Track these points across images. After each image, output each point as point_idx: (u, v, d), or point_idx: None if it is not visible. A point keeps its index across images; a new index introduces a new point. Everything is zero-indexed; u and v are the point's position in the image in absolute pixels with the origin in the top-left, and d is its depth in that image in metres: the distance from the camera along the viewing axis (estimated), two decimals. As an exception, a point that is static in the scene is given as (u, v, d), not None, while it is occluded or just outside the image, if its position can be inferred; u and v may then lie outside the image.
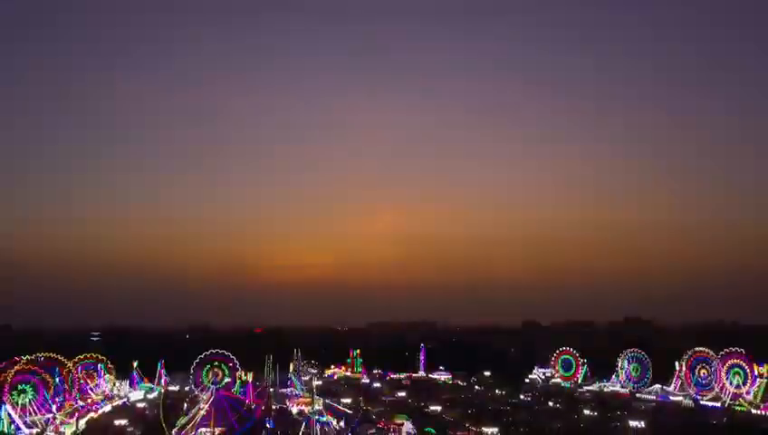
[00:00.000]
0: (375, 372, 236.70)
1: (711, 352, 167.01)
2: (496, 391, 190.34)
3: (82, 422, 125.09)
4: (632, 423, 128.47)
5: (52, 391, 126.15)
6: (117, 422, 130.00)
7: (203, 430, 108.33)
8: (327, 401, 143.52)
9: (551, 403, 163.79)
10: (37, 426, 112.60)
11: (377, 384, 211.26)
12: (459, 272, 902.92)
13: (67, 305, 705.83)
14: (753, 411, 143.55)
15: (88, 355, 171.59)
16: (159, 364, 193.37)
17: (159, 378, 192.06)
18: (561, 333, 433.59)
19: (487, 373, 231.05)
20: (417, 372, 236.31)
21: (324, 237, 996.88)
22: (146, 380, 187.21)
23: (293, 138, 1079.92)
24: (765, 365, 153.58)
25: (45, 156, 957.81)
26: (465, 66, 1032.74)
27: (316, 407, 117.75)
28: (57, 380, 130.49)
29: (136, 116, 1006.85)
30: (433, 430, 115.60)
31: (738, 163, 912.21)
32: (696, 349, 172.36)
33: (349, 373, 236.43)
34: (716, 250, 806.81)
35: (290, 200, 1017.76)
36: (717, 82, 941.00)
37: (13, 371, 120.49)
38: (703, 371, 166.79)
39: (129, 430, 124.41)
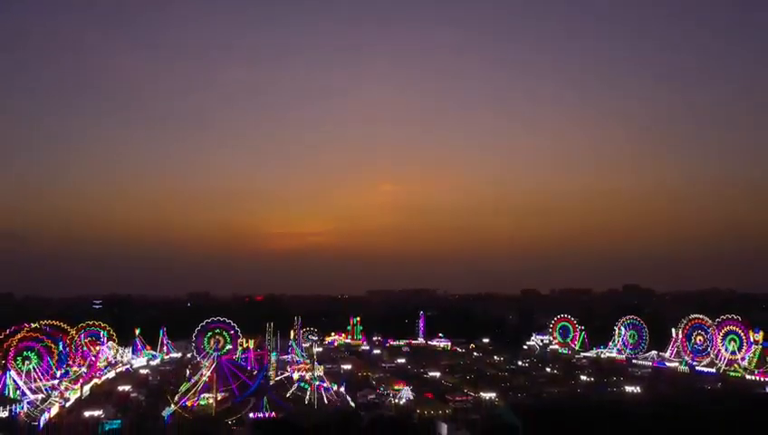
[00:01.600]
0: (375, 339, 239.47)
1: (707, 319, 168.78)
2: (495, 357, 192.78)
3: (87, 388, 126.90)
4: (628, 388, 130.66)
5: (55, 358, 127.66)
6: (121, 388, 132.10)
7: (205, 395, 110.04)
8: (327, 367, 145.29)
9: (548, 369, 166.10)
10: (42, 392, 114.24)
11: (377, 351, 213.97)
12: (459, 241, 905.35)
13: (68, 275, 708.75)
14: (748, 377, 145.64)
15: (90, 323, 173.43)
16: (161, 332, 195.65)
17: (162, 345, 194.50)
18: (559, 300, 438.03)
19: (486, 340, 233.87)
20: (416, 339, 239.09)
21: (324, 206, 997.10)
22: (148, 347, 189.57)
23: (293, 106, 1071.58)
24: (761, 332, 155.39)
25: (45, 126, 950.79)
26: (464, 39, 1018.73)
27: (317, 373, 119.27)
28: (60, 347, 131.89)
29: (134, 86, 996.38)
30: (432, 395, 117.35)
31: (737, 127, 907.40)
32: (693, 316, 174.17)
33: (349, 340, 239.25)
34: (714, 218, 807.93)
35: (290, 168, 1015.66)
36: (715, 45, 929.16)
37: (16, 338, 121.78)
38: (699, 337, 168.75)
39: (133, 395, 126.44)
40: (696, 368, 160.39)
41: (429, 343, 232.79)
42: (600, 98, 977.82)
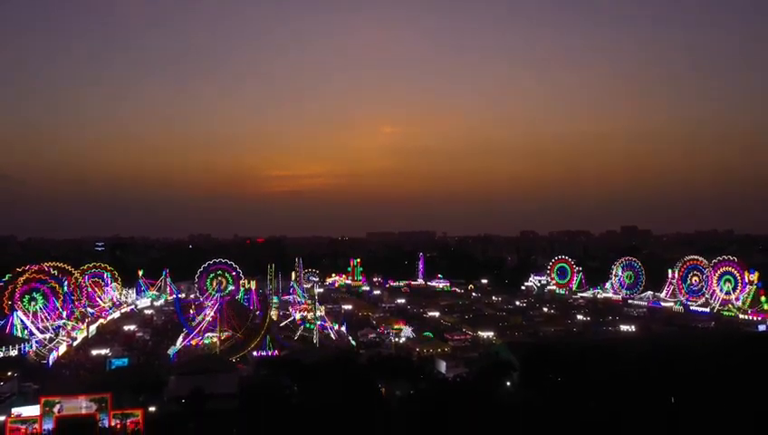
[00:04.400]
0: (375, 280, 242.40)
1: (704, 260, 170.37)
2: (493, 297, 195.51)
3: (93, 328, 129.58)
4: (623, 328, 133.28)
5: (61, 299, 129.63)
6: (126, 328, 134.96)
7: (209, 334, 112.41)
8: (328, 307, 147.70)
9: (545, 309, 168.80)
10: (50, 331, 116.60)
11: (377, 292, 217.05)
12: (458, 183, 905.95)
13: (70, 217, 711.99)
14: (741, 316, 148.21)
15: (94, 265, 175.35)
16: (164, 273, 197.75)
17: (165, 286, 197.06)
18: (557, 242, 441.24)
19: (485, 281, 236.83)
20: (416, 280, 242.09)
21: (325, 148, 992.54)
22: (151, 288, 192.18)
23: (293, 50, 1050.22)
24: (756, 273, 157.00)
25: (47, 69, 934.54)
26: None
27: (318, 313, 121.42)
28: (65, 288, 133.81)
29: (135, 30, 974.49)
30: (431, 334, 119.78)
31: (736, 68, 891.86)
32: (689, 257, 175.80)
33: (349, 281, 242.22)
34: (713, 159, 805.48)
35: (290, 111, 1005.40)
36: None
37: (21, 279, 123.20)
38: (695, 278, 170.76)
39: (138, 335, 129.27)
40: (691, 308, 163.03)
41: (429, 283, 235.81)
42: (598, 42, 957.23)
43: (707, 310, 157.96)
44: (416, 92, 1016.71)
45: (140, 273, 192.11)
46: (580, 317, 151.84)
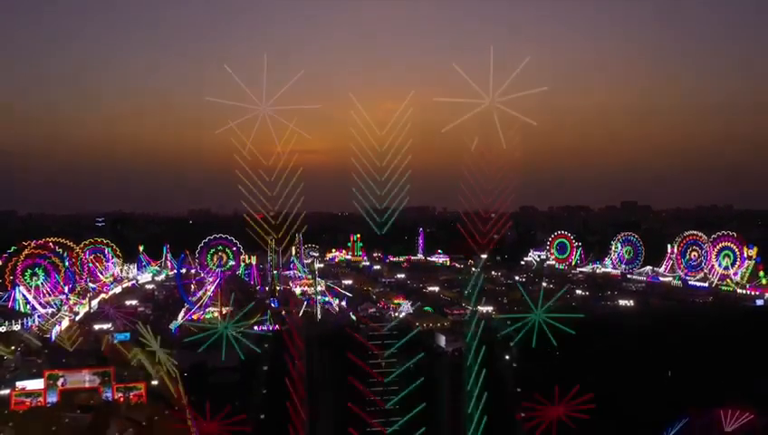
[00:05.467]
0: (375, 255, 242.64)
1: (703, 236, 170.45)
2: (492, 272, 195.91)
3: (95, 302, 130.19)
4: (622, 302, 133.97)
5: (62, 274, 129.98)
6: (128, 302, 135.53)
7: (211, 309, 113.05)
8: (328, 282, 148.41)
9: (544, 284, 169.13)
10: (52, 306, 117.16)
11: (377, 267, 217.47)
12: (457, 158, 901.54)
13: (70, 193, 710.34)
14: (739, 291, 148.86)
15: (95, 240, 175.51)
16: (165, 248, 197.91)
17: (166, 261, 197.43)
18: (557, 217, 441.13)
19: (484, 256, 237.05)
20: (415, 256, 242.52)
21: (324, 123, 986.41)
22: (152, 263, 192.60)
23: (293, 24, 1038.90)
24: (755, 248, 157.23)
25: (42, 43, 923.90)
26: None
27: (318, 288, 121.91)
28: (66, 263, 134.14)
29: (134, 6, 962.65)
30: (431, 309, 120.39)
31: (738, 42, 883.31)
32: (688, 232, 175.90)
33: (349, 257, 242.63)
34: (713, 134, 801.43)
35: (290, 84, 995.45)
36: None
37: (23, 254, 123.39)
38: (693, 253, 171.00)
39: (140, 309, 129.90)
40: (689, 282, 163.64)
41: (428, 259, 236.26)
42: (600, 17, 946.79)
43: (706, 285, 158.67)
44: (416, 67, 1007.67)
45: (141, 248, 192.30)
46: (579, 292, 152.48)
